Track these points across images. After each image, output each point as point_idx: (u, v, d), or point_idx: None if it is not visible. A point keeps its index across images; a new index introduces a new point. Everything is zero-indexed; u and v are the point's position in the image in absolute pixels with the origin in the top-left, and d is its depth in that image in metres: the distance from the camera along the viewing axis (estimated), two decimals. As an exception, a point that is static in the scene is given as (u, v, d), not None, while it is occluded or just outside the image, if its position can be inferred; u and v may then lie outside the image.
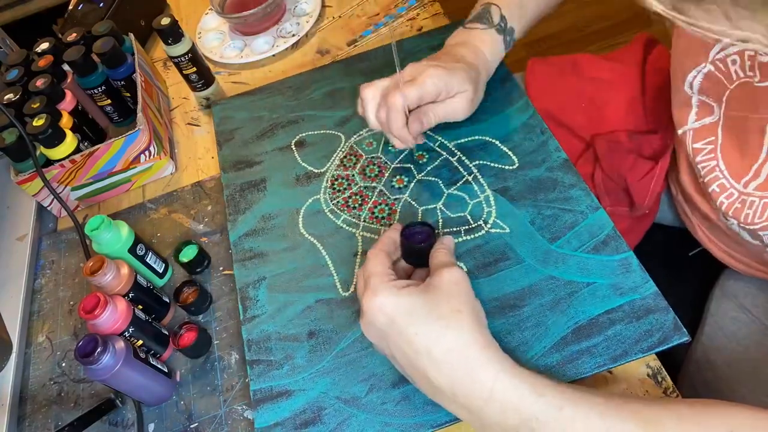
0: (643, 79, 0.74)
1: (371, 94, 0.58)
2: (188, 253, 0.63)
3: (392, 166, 0.64)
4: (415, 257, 0.51)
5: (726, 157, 0.53)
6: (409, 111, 0.58)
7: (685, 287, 0.70)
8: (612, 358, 0.47)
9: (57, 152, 0.67)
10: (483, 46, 0.62)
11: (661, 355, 0.49)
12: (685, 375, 0.64)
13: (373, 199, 0.62)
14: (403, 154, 0.65)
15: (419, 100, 0.56)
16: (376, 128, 0.60)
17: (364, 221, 0.61)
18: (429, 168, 0.63)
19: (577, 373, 0.47)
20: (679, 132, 0.58)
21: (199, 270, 0.64)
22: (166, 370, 0.56)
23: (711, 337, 0.63)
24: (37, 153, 0.67)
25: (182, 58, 0.76)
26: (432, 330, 0.42)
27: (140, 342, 0.55)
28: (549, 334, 0.49)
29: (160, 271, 0.64)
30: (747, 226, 0.52)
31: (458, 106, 0.58)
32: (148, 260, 0.62)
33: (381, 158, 0.65)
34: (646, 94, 0.74)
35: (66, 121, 0.70)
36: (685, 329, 0.48)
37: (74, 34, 0.76)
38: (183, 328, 0.58)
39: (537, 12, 0.66)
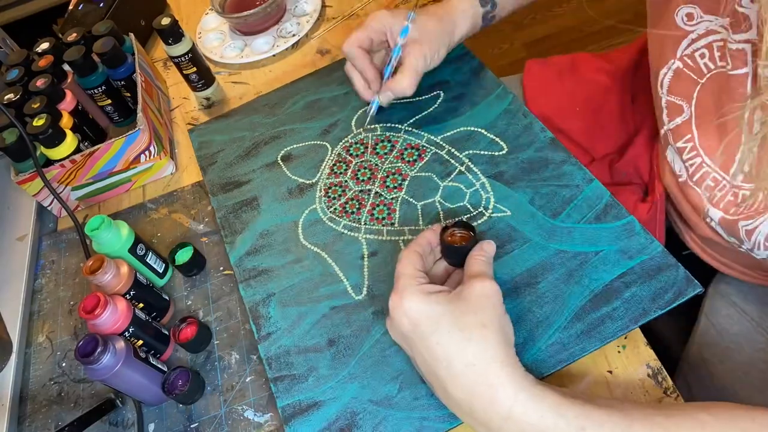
0: (634, 81, 0.75)
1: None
2: (183, 256, 0.63)
3: (384, 167, 0.64)
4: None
5: (707, 151, 0.53)
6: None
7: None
8: (633, 319, 0.48)
9: (57, 152, 0.67)
10: (457, 2, 0.65)
11: (658, 354, 0.49)
12: (680, 373, 0.64)
13: (370, 202, 0.62)
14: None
15: (369, 36, 0.64)
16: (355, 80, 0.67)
17: (365, 224, 0.60)
18: (420, 164, 0.63)
19: (602, 339, 0.47)
20: (661, 133, 0.58)
21: (194, 273, 0.64)
22: (166, 370, 0.56)
23: (704, 335, 0.63)
24: (38, 153, 0.67)
25: (182, 58, 0.76)
26: (454, 341, 0.41)
27: (140, 342, 0.55)
28: (568, 305, 0.50)
29: (161, 271, 0.64)
30: (728, 217, 0.52)
31: (414, 54, 0.62)
32: (148, 260, 0.62)
33: (371, 161, 0.65)
34: (635, 96, 0.74)
35: (66, 121, 0.70)
36: (697, 281, 0.48)
37: (74, 34, 0.77)
38: (183, 323, 0.58)
39: None
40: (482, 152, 0.62)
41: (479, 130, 0.64)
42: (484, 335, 0.41)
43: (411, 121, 0.68)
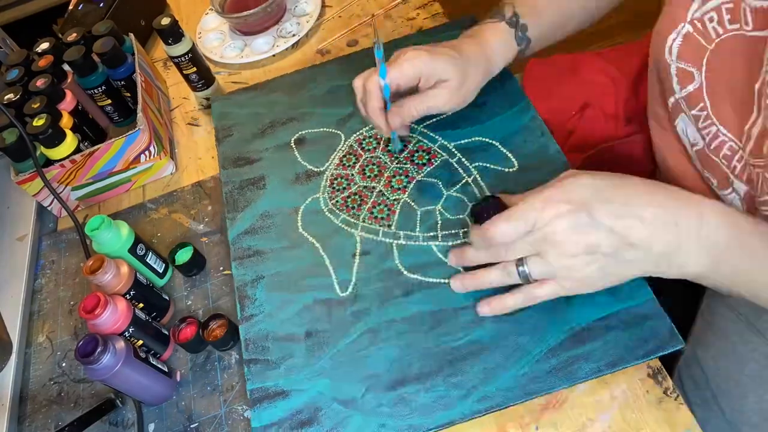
0: (637, 79, 0.75)
1: (358, 82, 0.59)
2: (183, 256, 0.63)
3: (392, 166, 0.64)
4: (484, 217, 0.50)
5: (722, 120, 0.51)
6: (392, 98, 0.58)
7: (682, 288, 0.70)
8: (608, 364, 0.47)
9: (57, 152, 0.67)
10: (491, 37, 0.60)
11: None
12: (674, 372, 0.64)
13: (372, 200, 0.62)
14: (402, 153, 0.64)
15: (397, 82, 0.56)
16: (363, 115, 0.61)
17: (363, 221, 0.60)
18: (429, 169, 0.63)
19: (573, 379, 0.47)
20: (670, 102, 0.57)
21: (194, 272, 0.64)
22: (166, 370, 0.56)
23: (700, 334, 0.63)
24: (38, 153, 0.67)
25: (182, 58, 0.76)
26: (632, 186, 0.45)
27: (140, 342, 0.55)
28: (546, 339, 0.49)
29: (160, 271, 0.64)
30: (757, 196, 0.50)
31: (439, 97, 0.56)
32: (148, 260, 0.62)
33: (380, 158, 0.65)
34: (638, 95, 0.74)
35: (66, 121, 0.70)
36: (680, 336, 0.47)
37: (74, 34, 0.77)
38: (183, 323, 0.58)
39: (554, 19, 0.63)
40: (492, 166, 0.61)
41: (494, 142, 0.63)
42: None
43: (427, 123, 0.67)
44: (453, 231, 0.58)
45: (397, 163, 0.64)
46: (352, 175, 0.64)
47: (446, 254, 0.56)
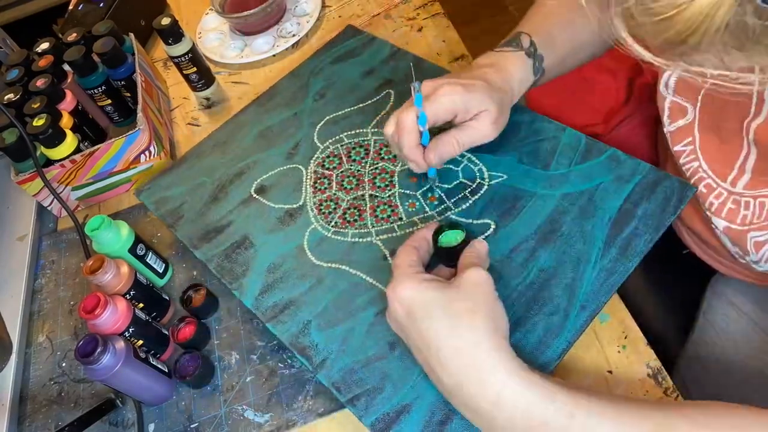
0: (635, 79, 0.75)
1: (390, 125, 0.56)
2: None
3: (367, 170, 0.63)
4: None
5: (707, 156, 0.53)
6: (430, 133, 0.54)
7: (683, 287, 0.70)
8: (654, 230, 0.51)
9: (57, 152, 0.68)
10: (512, 67, 0.57)
11: (657, 353, 0.49)
12: (677, 372, 0.64)
13: (369, 205, 0.61)
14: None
15: (434, 118, 0.53)
16: (397, 154, 0.58)
17: (374, 227, 0.59)
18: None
19: (638, 254, 0.50)
20: (665, 132, 0.58)
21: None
22: (166, 370, 0.56)
23: (702, 334, 0.63)
24: (38, 153, 0.67)
25: (182, 58, 0.76)
26: (442, 327, 0.42)
27: (140, 342, 0.55)
28: (596, 237, 0.52)
29: (160, 271, 0.64)
30: (735, 227, 0.52)
31: (482, 127, 0.54)
32: (148, 260, 0.62)
33: (351, 169, 0.64)
34: (633, 93, 0.75)
35: (66, 121, 0.70)
36: (688, 182, 0.53)
37: (74, 34, 0.77)
38: (182, 322, 0.58)
39: (568, 49, 0.62)
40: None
41: None
42: (472, 320, 0.41)
43: (374, 122, 0.67)
44: (459, 195, 0.58)
45: (370, 166, 0.64)
46: (334, 194, 0.62)
47: (467, 216, 0.57)
